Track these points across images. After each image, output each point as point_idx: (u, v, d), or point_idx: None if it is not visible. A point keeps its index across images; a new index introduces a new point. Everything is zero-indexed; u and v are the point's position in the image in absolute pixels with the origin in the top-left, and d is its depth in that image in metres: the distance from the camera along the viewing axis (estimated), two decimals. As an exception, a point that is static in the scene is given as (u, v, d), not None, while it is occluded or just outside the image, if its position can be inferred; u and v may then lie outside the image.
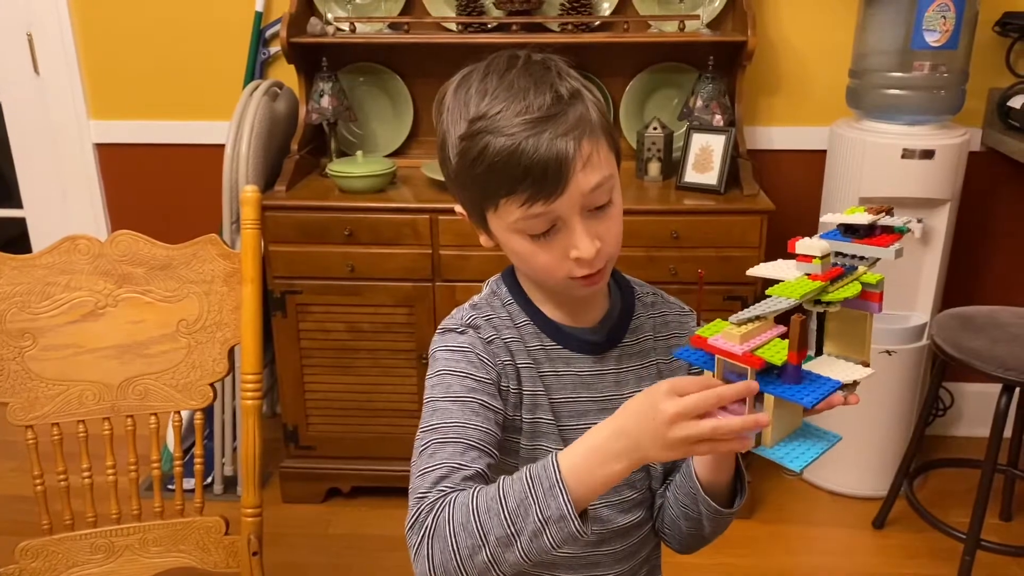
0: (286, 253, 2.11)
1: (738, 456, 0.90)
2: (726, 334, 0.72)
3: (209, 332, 1.27)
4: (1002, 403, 1.85)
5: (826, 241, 0.77)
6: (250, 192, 1.27)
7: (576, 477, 0.73)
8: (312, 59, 2.25)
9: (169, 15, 2.45)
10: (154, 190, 2.62)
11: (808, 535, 2.23)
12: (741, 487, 0.92)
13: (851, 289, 0.75)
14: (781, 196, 2.22)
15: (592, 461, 0.73)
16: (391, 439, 2.23)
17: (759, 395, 0.71)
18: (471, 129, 0.82)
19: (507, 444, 0.90)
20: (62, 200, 2.66)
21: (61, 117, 2.57)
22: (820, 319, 0.80)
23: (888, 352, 2.18)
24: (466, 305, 0.96)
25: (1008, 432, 2.10)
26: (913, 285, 2.24)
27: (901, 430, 2.27)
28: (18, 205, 2.72)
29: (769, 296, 0.75)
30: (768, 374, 0.72)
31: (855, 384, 0.75)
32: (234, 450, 2.35)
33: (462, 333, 0.91)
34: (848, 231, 0.79)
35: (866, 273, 0.77)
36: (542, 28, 2.27)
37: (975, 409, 2.58)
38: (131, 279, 1.25)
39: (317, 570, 2.10)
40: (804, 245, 0.76)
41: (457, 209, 0.93)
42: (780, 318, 0.73)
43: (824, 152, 2.31)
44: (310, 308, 2.15)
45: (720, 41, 2.20)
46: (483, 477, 0.81)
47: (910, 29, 2.00)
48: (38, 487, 1.28)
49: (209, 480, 2.34)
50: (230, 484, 2.34)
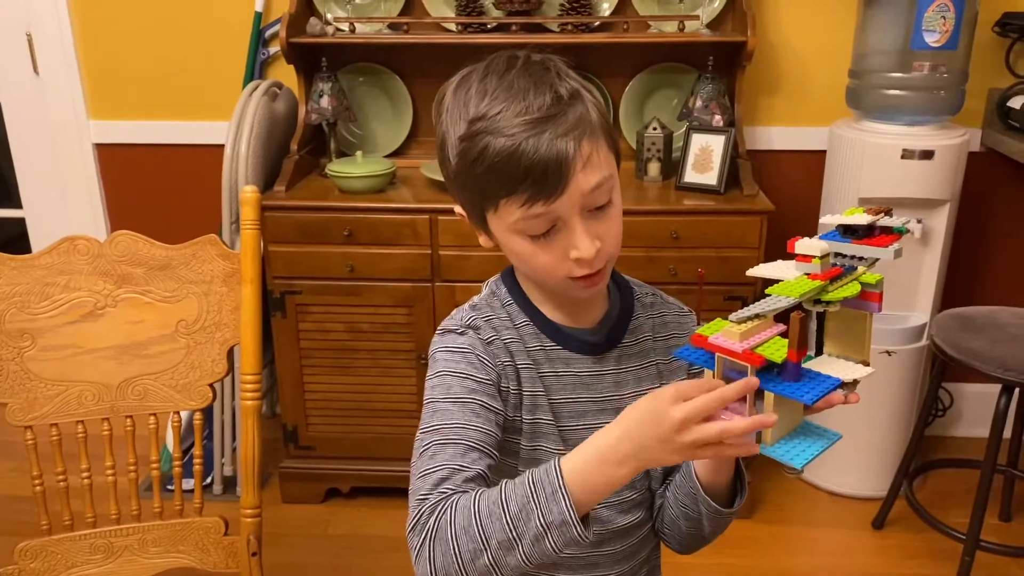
0: (285, 253, 2.11)
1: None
2: (726, 332, 0.72)
3: (208, 332, 1.27)
4: (1001, 403, 1.85)
5: (825, 241, 0.77)
6: (249, 192, 1.27)
7: (578, 482, 0.73)
8: (312, 59, 2.25)
9: (169, 15, 2.45)
10: (153, 190, 2.62)
11: (808, 535, 2.23)
12: (741, 487, 0.92)
13: (851, 289, 0.75)
14: (781, 196, 2.22)
15: (595, 466, 0.73)
16: (390, 439, 2.23)
17: (759, 393, 0.71)
18: (471, 130, 0.82)
19: (507, 445, 0.90)
20: (61, 200, 2.66)
21: (60, 117, 2.57)
22: (820, 319, 0.80)
23: (888, 352, 2.18)
24: (466, 306, 0.96)
25: (1008, 432, 2.09)
26: (913, 285, 2.24)
27: (901, 430, 2.27)
28: (17, 205, 2.72)
29: (769, 295, 0.75)
30: (768, 372, 0.72)
31: (855, 383, 0.75)
32: (233, 450, 2.35)
33: (462, 334, 0.91)
34: (847, 232, 0.79)
35: (865, 273, 0.77)
36: (542, 28, 2.27)
37: (975, 409, 2.58)
38: (130, 279, 1.25)
39: (316, 570, 2.09)
40: (804, 245, 0.76)
41: (457, 210, 0.93)
42: (780, 317, 0.73)
43: (824, 152, 2.31)
44: (309, 308, 2.15)
45: (720, 41, 2.20)
46: (484, 478, 0.81)
47: (910, 29, 2.00)
48: (37, 487, 1.28)
49: (208, 480, 2.34)
50: (229, 484, 2.34)
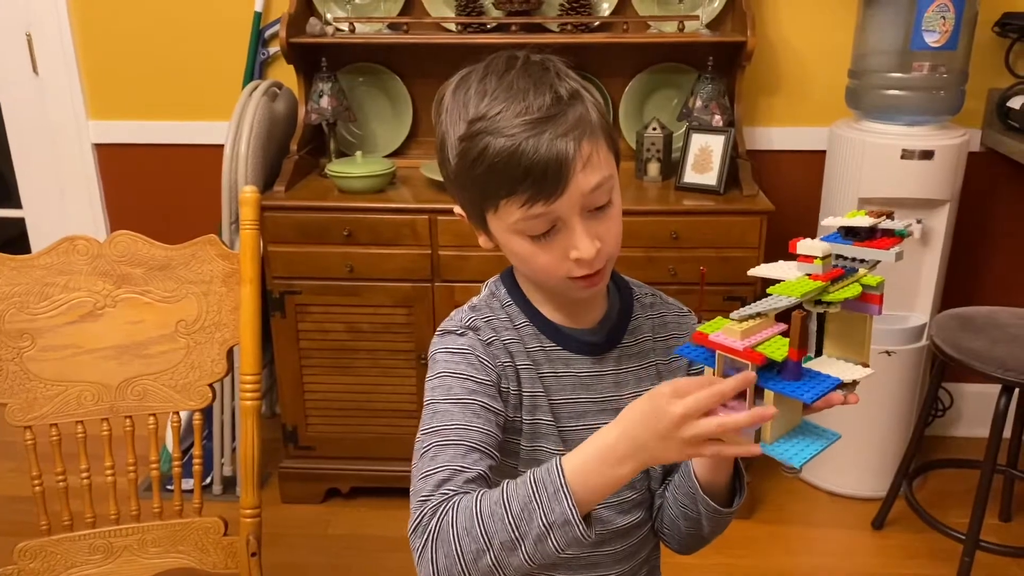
0: (285, 253, 2.11)
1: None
2: (727, 330, 0.72)
3: (208, 333, 1.27)
4: (1001, 404, 1.85)
5: (827, 243, 0.77)
6: (249, 192, 1.27)
7: (580, 481, 0.73)
8: (311, 59, 2.25)
9: (168, 15, 2.45)
10: (153, 190, 2.62)
11: (807, 535, 2.23)
12: (740, 487, 0.92)
13: (851, 290, 0.75)
14: (780, 196, 2.22)
15: (595, 466, 0.73)
16: (390, 439, 2.23)
17: (759, 393, 0.71)
18: (471, 130, 0.82)
19: (507, 445, 0.90)
20: (61, 200, 2.66)
21: (60, 117, 2.57)
22: (820, 320, 0.80)
23: (888, 353, 2.18)
24: (465, 307, 0.96)
25: (1007, 433, 2.10)
26: (912, 286, 2.24)
27: (900, 431, 2.27)
28: (17, 205, 2.72)
29: (770, 295, 0.75)
30: (768, 371, 0.72)
31: (855, 383, 0.75)
32: (233, 451, 2.35)
33: (462, 335, 0.91)
34: (849, 234, 0.79)
35: (867, 275, 0.77)
36: (541, 28, 2.27)
37: (974, 410, 2.58)
38: (130, 279, 1.25)
39: (316, 571, 2.09)
40: (805, 246, 0.76)
41: (456, 210, 0.93)
42: (781, 317, 0.73)
43: (823, 152, 2.31)
44: (309, 308, 2.15)
45: (719, 41, 2.20)
46: (485, 479, 0.81)
47: (909, 30, 2.00)
48: (36, 488, 1.28)
49: (208, 481, 2.34)
50: (229, 484, 2.34)
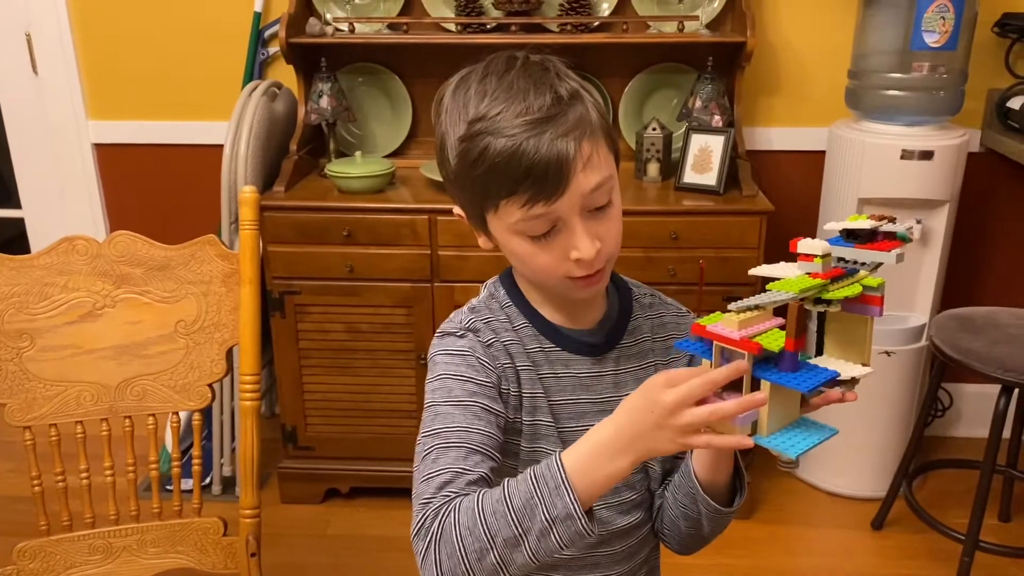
0: (285, 254, 2.10)
1: (737, 455, 0.90)
2: (725, 321, 0.72)
3: (207, 333, 1.27)
4: (1001, 404, 1.85)
5: (827, 243, 0.77)
6: (248, 192, 1.27)
7: (580, 475, 0.73)
8: (311, 59, 2.25)
9: (168, 15, 2.45)
10: (153, 190, 2.62)
11: (807, 536, 2.23)
12: (740, 486, 0.92)
13: (852, 289, 0.75)
14: (780, 197, 2.22)
15: (595, 459, 0.74)
16: (390, 440, 2.23)
17: (756, 385, 0.72)
18: (471, 130, 0.82)
19: (507, 446, 0.90)
20: (60, 200, 2.66)
21: (59, 117, 2.57)
22: (820, 320, 0.80)
23: (887, 353, 2.18)
24: (464, 308, 0.96)
25: (1007, 433, 2.09)
26: (912, 286, 2.24)
27: (900, 431, 2.27)
28: (16, 205, 2.72)
29: (770, 291, 0.75)
30: (766, 363, 0.72)
31: (854, 381, 0.75)
32: (232, 451, 2.35)
33: (461, 337, 0.91)
34: (850, 236, 0.79)
35: (867, 277, 0.77)
36: (541, 29, 2.27)
37: (974, 410, 2.58)
38: (129, 280, 1.25)
39: (316, 571, 2.09)
40: (805, 244, 0.76)
41: (456, 210, 0.93)
42: (780, 312, 0.74)
43: (823, 153, 2.31)
44: (309, 309, 2.15)
45: (719, 42, 2.20)
46: (486, 481, 0.81)
47: (909, 30, 2.00)
48: (36, 488, 1.28)
49: (207, 481, 2.34)
50: (228, 485, 2.34)
